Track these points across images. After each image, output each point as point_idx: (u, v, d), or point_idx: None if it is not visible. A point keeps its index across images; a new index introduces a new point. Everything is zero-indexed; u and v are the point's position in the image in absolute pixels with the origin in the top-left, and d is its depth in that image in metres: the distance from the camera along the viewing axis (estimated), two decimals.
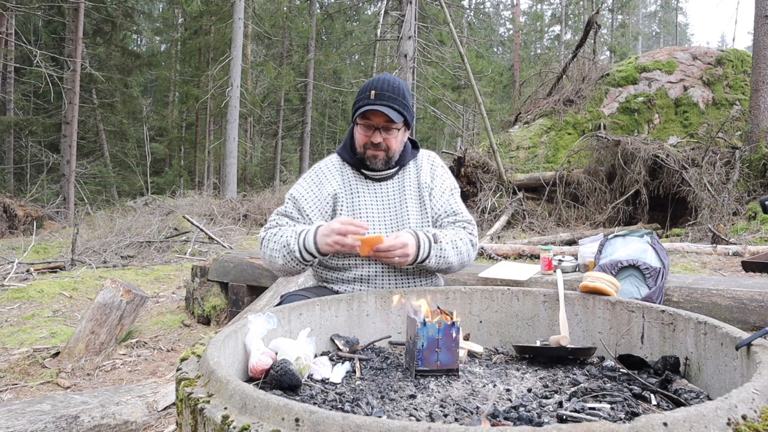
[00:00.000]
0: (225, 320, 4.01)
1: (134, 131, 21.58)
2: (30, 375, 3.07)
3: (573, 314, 1.62)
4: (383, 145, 1.86)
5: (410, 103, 1.90)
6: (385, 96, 1.82)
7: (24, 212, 11.11)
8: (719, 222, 7.27)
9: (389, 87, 1.84)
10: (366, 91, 1.85)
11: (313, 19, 21.66)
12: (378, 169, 1.92)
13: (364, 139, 1.88)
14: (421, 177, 1.99)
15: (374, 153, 1.88)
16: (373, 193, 1.94)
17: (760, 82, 8.08)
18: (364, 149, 1.89)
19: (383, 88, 1.83)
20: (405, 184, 1.97)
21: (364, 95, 1.85)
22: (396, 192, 1.96)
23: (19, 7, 13.93)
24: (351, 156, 1.95)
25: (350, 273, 1.89)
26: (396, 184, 1.97)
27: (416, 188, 1.98)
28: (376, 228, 1.92)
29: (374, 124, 1.85)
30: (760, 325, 2.37)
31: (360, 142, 1.89)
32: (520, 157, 10.81)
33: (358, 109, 1.85)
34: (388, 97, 1.82)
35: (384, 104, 1.81)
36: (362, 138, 1.88)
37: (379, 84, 1.84)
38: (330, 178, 1.94)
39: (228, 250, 6.17)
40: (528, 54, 30.90)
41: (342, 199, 1.91)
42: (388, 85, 1.84)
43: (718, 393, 1.15)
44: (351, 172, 1.96)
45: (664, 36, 43.88)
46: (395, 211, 1.93)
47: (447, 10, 10.33)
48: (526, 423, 1.00)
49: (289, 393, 1.18)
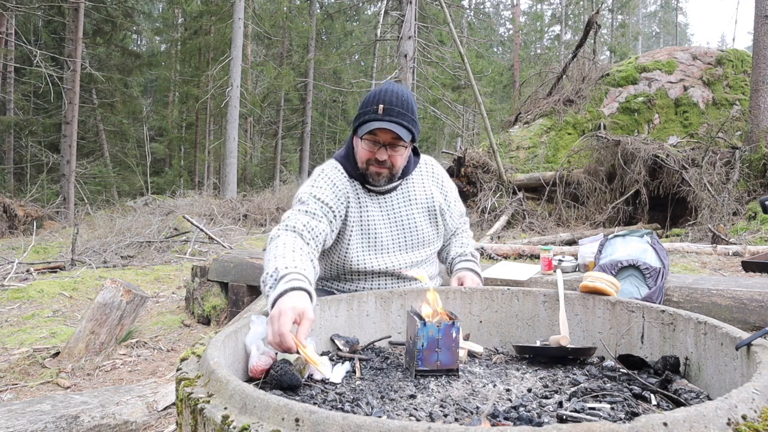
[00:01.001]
0: (225, 320, 4.01)
1: (134, 131, 21.58)
2: (30, 375, 3.07)
3: (573, 314, 1.62)
4: (388, 163, 1.75)
5: (417, 117, 1.79)
6: (394, 111, 1.70)
7: (24, 212, 11.11)
8: (719, 222, 7.26)
9: (398, 101, 1.71)
10: (373, 104, 1.72)
11: (313, 19, 21.67)
12: (381, 185, 1.82)
13: (367, 155, 1.76)
14: (431, 191, 1.93)
15: (378, 170, 1.77)
16: (378, 207, 1.85)
17: (760, 82, 8.08)
18: (366, 165, 1.77)
19: (392, 102, 1.70)
20: (411, 197, 1.90)
21: (370, 108, 1.72)
22: (402, 205, 1.88)
23: (19, 7, 13.93)
24: (354, 168, 1.83)
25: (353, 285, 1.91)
26: (401, 197, 1.89)
27: (424, 201, 1.91)
28: (387, 244, 1.85)
29: (380, 140, 1.73)
30: (760, 325, 2.37)
31: (363, 157, 1.77)
32: (520, 157, 10.81)
33: (363, 123, 1.72)
34: (397, 112, 1.70)
35: (393, 121, 1.69)
36: (366, 154, 1.76)
37: (387, 97, 1.71)
38: (342, 184, 1.81)
39: (228, 250, 6.17)
40: (528, 54, 30.90)
41: (353, 211, 1.81)
42: (396, 98, 1.71)
43: (718, 393, 1.15)
44: (357, 183, 1.85)
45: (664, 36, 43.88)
46: (403, 225, 1.87)
47: (447, 10, 10.33)
48: (526, 423, 1.00)
49: (289, 393, 1.18)
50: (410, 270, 1.81)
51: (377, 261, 1.84)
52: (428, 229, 1.91)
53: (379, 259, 1.84)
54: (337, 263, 1.86)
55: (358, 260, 1.82)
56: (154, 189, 18.27)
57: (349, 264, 1.83)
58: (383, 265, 1.84)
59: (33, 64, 12.75)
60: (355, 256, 1.82)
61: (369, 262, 1.83)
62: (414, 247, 1.90)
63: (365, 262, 1.83)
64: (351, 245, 1.82)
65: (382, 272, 1.86)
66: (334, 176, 1.82)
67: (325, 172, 1.84)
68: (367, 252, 1.83)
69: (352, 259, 1.82)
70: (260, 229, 10.36)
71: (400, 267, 1.85)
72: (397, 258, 1.87)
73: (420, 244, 1.91)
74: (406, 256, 1.88)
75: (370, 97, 1.75)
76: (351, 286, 1.89)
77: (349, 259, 1.82)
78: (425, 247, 1.93)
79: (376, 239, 1.83)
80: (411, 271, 1.80)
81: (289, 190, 13.65)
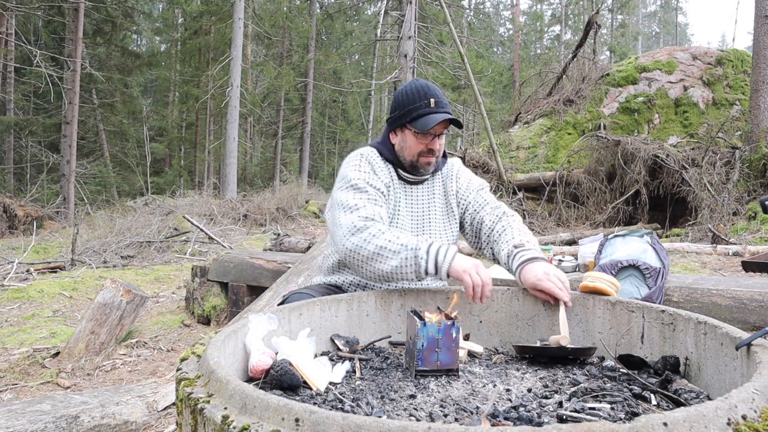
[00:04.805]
0: (225, 320, 4.01)
1: (134, 131, 21.57)
2: (30, 375, 3.07)
3: (573, 314, 1.62)
4: (437, 152, 1.88)
5: None
6: (442, 103, 1.84)
7: (24, 212, 11.11)
8: (719, 222, 7.27)
9: (441, 95, 1.86)
10: (423, 99, 1.83)
11: (313, 19, 21.67)
12: (425, 174, 1.92)
13: (420, 147, 1.85)
14: (448, 186, 2.01)
15: (428, 160, 1.88)
16: (404, 195, 1.95)
17: (760, 82, 8.08)
18: (418, 156, 1.87)
19: (437, 96, 1.84)
20: (434, 191, 1.99)
21: (421, 103, 1.83)
22: (425, 197, 1.98)
23: (19, 7, 13.92)
24: (393, 156, 1.92)
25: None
26: (426, 190, 1.99)
27: (443, 196, 2.01)
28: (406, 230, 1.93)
29: (434, 131, 1.84)
30: (760, 325, 2.37)
31: (415, 149, 1.86)
32: (520, 157, 10.81)
33: (418, 117, 1.82)
34: (445, 104, 1.84)
35: (447, 111, 1.83)
36: (419, 146, 1.85)
37: (432, 92, 1.85)
38: (380, 169, 1.90)
39: (228, 250, 6.16)
40: (528, 54, 30.89)
41: (389, 196, 1.90)
42: (438, 93, 1.86)
43: (718, 393, 1.15)
44: (393, 170, 1.94)
45: (664, 36, 43.89)
46: (421, 216, 1.96)
47: (447, 10, 10.33)
48: (526, 423, 1.00)
49: (289, 393, 1.18)
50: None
51: None
52: (442, 225, 1.99)
53: None
54: None
55: None
56: (154, 189, 18.27)
57: None
58: None
59: (33, 64, 12.75)
60: None
61: None
62: None
63: None
64: None
65: None
66: (375, 163, 1.91)
67: (365, 156, 1.91)
68: None
69: None
70: (260, 229, 10.36)
71: None
72: None
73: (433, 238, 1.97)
74: None
75: (414, 93, 1.85)
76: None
77: None
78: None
79: (400, 227, 1.92)
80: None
81: (289, 190, 13.62)
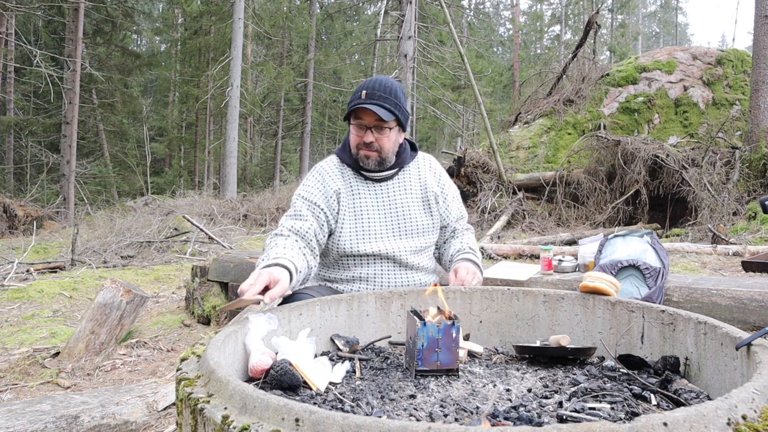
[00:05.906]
0: (225, 320, 4.01)
1: (134, 131, 21.58)
2: (30, 375, 3.07)
3: (573, 314, 1.62)
4: (375, 146, 1.88)
5: (404, 103, 1.92)
6: (375, 95, 1.85)
7: (24, 212, 11.11)
8: (719, 222, 7.26)
9: (380, 87, 1.87)
10: (358, 92, 1.87)
11: (313, 19, 21.65)
12: (372, 169, 1.94)
13: (356, 140, 1.90)
14: (426, 181, 2.03)
15: (367, 153, 1.90)
16: (373, 194, 1.96)
17: (760, 82, 8.08)
18: (357, 149, 1.92)
19: (374, 88, 1.86)
20: (407, 186, 2.00)
21: (356, 96, 1.88)
22: (397, 193, 1.99)
23: (19, 7, 13.92)
24: (349, 157, 1.98)
25: (350, 272, 1.95)
26: (397, 186, 2.00)
27: (419, 191, 2.01)
28: (379, 229, 1.94)
29: (365, 123, 1.87)
30: (760, 325, 2.37)
31: (353, 142, 1.92)
32: (520, 157, 10.81)
33: (351, 110, 1.88)
34: (378, 96, 1.85)
35: (374, 103, 1.83)
36: (355, 138, 1.91)
37: (371, 84, 1.87)
38: (332, 176, 1.96)
39: (228, 250, 6.16)
40: (528, 54, 30.87)
41: (345, 199, 1.93)
42: (379, 85, 1.87)
43: (718, 393, 1.15)
44: (351, 172, 1.98)
45: (664, 36, 43.86)
46: (398, 213, 1.97)
47: (447, 10, 10.33)
48: (526, 423, 1.00)
49: (289, 393, 1.18)
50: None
51: (369, 245, 1.92)
52: (423, 218, 2.00)
53: (372, 243, 1.93)
54: (333, 249, 1.96)
55: (350, 244, 1.92)
56: (154, 189, 18.27)
57: (342, 248, 1.93)
58: (375, 248, 1.92)
59: (33, 64, 12.75)
60: (347, 240, 1.92)
61: (360, 246, 1.92)
62: (409, 235, 1.98)
63: (356, 246, 1.92)
64: (343, 230, 1.93)
65: (375, 255, 1.93)
66: (325, 171, 1.98)
67: (317, 168, 2.01)
68: (358, 236, 1.93)
69: (344, 243, 1.92)
70: (260, 229, 10.36)
71: (395, 252, 1.93)
72: (390, 244, 1.94)
73: (415, 232, 1.99)
74: (400, 242, 1.96)
75: (357, 88, 1.92)
76: (349, 273, 1.96)
77: (342, 243, 1.92)
78: (421, 235, 2.00)
79: (369, 224, 1.93)
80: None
81: (289, 190, 13.63)
